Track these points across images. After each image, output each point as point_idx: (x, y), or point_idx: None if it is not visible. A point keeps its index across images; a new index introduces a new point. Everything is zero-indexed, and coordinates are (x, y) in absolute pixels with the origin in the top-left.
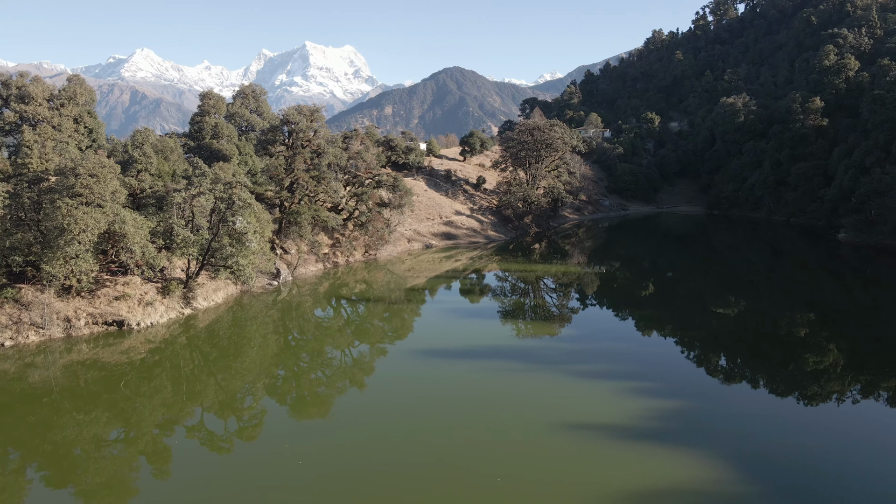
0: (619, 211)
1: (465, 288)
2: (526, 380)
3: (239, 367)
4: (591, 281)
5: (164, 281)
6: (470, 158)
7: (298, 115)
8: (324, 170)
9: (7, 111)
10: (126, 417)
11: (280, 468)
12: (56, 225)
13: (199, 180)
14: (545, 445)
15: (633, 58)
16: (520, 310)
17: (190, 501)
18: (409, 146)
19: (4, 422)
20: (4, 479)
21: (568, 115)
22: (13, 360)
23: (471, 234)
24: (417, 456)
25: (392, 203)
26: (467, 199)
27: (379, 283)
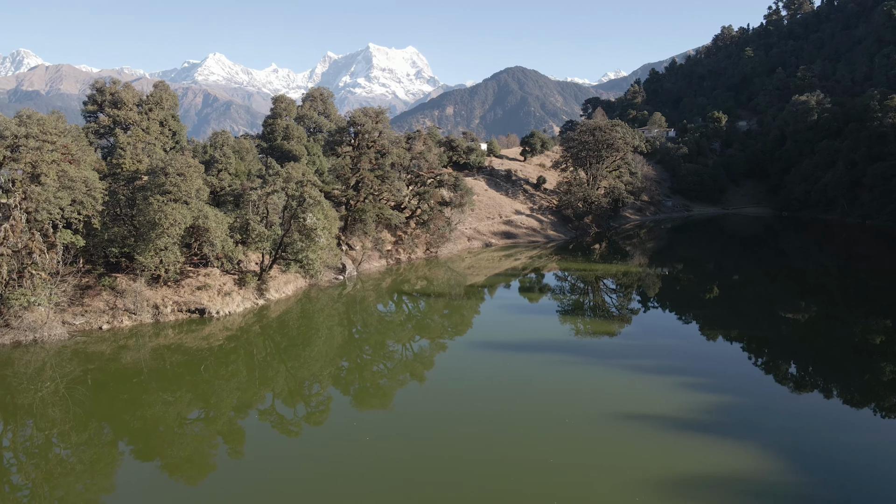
0: (683, 212)
1: (524, 286)
2: (582, 373)
3: (307, 357)
4: (653, 282)
5: (240, 273)
6: (530, 158)
7: (364, 117)
8: (388, 169)
9: (102, 115)
10: (205, 399)
11: (344, 454)
12: (148, 219)
13: (273, 179)
14: (598, 433)
15: (701, 55)
16: (578, 309)
17: (261, 480)
18: (469, 146)
19: (101, 399)
20: (99, 451)
21: (631, 115)
22: (109, 343)
23: (530, 234)
24: (475, 443)
25: (453, 202)
26: (527, 198)
27: (439, 279)
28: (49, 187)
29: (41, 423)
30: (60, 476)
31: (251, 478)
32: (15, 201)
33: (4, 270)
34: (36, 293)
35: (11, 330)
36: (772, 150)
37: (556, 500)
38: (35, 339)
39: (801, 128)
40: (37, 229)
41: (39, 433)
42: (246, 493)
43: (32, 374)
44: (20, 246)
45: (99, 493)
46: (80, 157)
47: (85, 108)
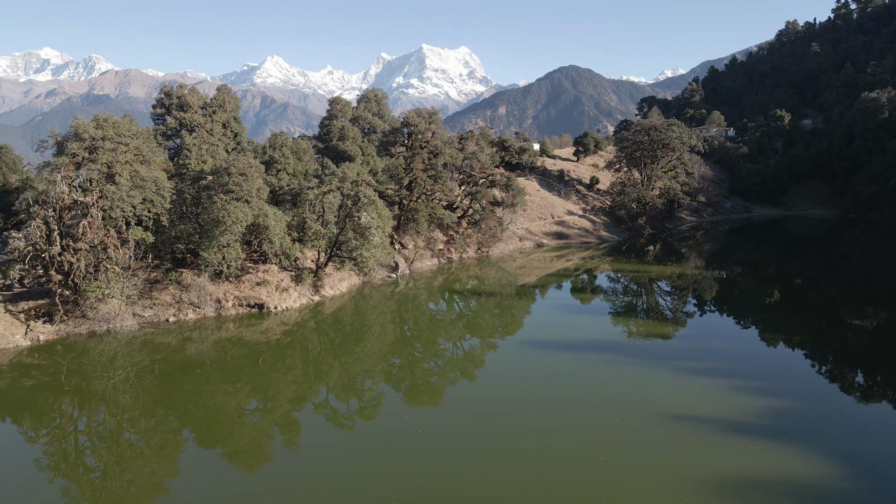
0: (742, 213)
1: (575, 287)
2: (634, 374)
3: (360, 353)
4: (710, 285)
5: (297, 270)
6: (583, 159)
7: (417, 118)
8: (440, 169)
9: (169, 118)
10: (263, 391)
11: (396, 449)
12: (212, 217)
13: (329, 179)
14: (650, 434)
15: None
16: (631, 311)
17: (315, 471)
18: (522, 146)
19: (167, 387)
20: (165, 437)
21: (688, 114)
22: (175, 334)
23: (583, 234)
24: (525, 441)
25: (505, 202)
26: (580, 199)
27: (491, 279)
28: (123, 186)
29: (113, 409)
30: (130, 460)
31: (306, 468)
32: (92, 199)
33: (83, 264)
34: (110, 286)
35: (88, 320)
36: (838, 150)
37: (605, 498)
38: (108, 330)
39: (871, 126)
40: (111, 226)
41: (111, 418)
42: (301, 483)
43: (106, 363)
44: (96, 242)
45: (164, 477)
46: (150, 157)
47: (153, 111)
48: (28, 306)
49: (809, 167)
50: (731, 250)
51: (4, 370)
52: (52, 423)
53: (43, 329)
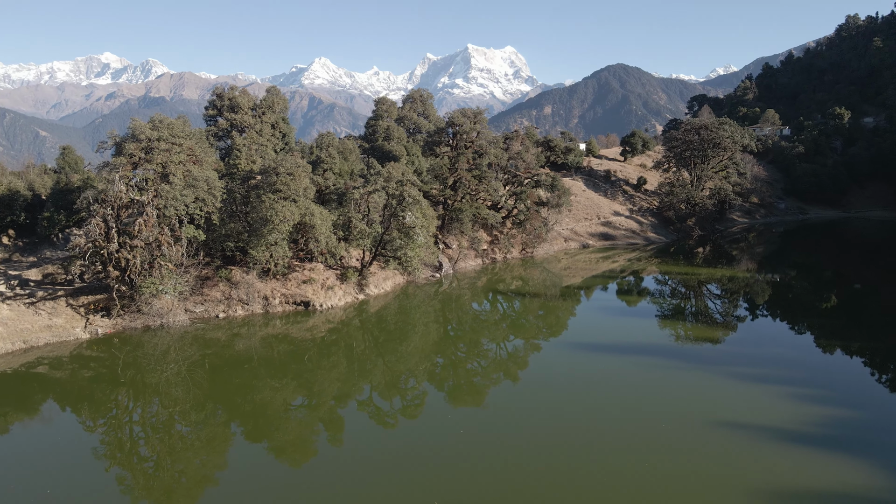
0: (797, 215)
1: (621, 289)
2: (681, 378)
3: (403, 351)
4: (762, 289)
5: (342, 269)
6: (630, 159)
7: (462, 118)
8: (485, 169)
9: (221, 119)
10: (309, 387)
11: (438, 448)
12: (260, 216)
13: (374, 179)
14: (698, 440)
15: (822, 47)
16: (679, 314)
17: (359, 468)
18: (567, 146)
19: (217, 381)
20: (214, 431)
21: (741, 113)
22: (224, 330)
23: (629, 235)
24: (568, 443)
25: (550, 202)
26: (626, 199)
27: (535, 280)
28: (176, 186)
29: (165, 401)
30: (181, 451)
31: (349, 465)
32: (148, 198)
33: (138, 261)
34: (163, 282)
35: (142, 315)
36: None
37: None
38: (162, 325)
39: None
40: (165, 224)
41: (164, 410)
42: (344, 479)
43: (159, 356)
44: (151, 239)
45: (213, 469)
46: (202, 157)
47: (206, 112)
48: (88, 301)
49: (871, 167)
50: (786, 253)
51: (65, 362)
52: (109, 413)
53: (101, 323)
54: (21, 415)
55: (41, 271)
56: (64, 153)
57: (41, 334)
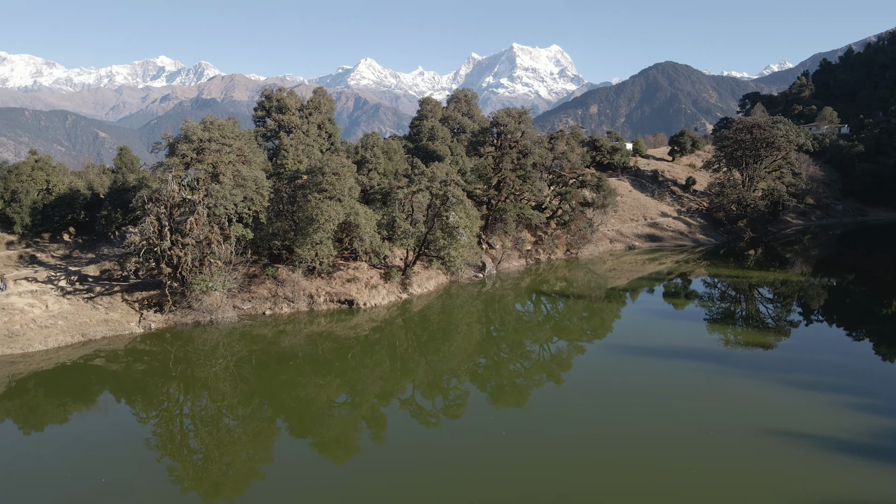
0: (856, 217)
1: (668, 291)
2: (730, 384)
3: (446, 351)
4: (817, 293)
5: (385, 268)
6: (679, 158)
7: (507, 118)
8: (529, 169)
9: (269, 120)
10: (352, 385)
11: (480, 448)
12: (306, 215)
13: (418, 178)
14: (746, 448)
15: (884, 41)
16: (729, 318)
17: (400, 467)
18: (614, 146)
19: (263, 377)
20: (260, 426)
21: (796, 111)
22: (271, 327)
23: (677, 237)
24: (611, 447)
25: (595, 203)
26: (674, 200)
27: (579, 281)
28: (226, 185)
29: (214, 395)
30: (228, 444)
31: (391, 463)
32: (199, 197)
33: (189, 258)
34: (213, 279)
35: (193, 311)
36: None
37: None
38: (211, 321)
39: None
40: (215, 223)
41: (212, 404)
42: (386, 477)
43: (208, 352)
44: (202, 237)
45: (259, 462)
46: (251, 158)
47: (255, 113)
48: (142, 296)
49: None
50: (843, 256)
51: (121, 355)
52: (161, 405)
53: (154, 318)
54: (79, 405)
55: (99, 267)
56: (121, 154)
57: (98, 328)
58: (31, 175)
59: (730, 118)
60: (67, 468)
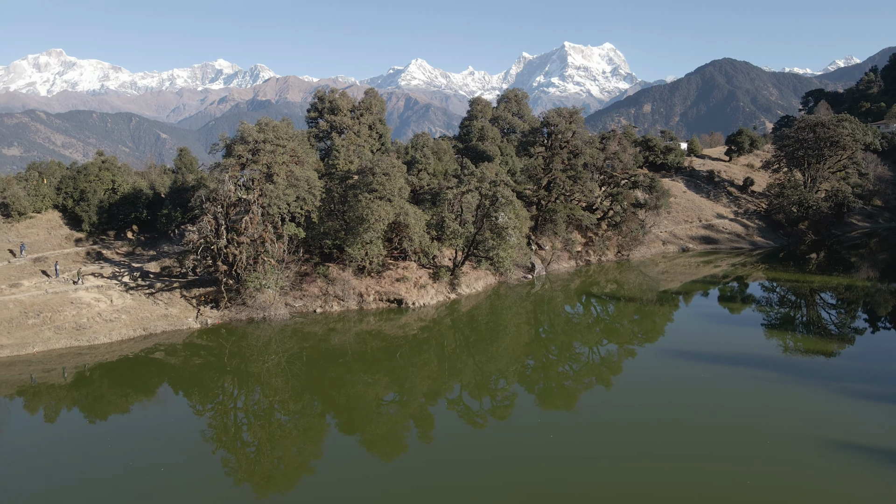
0: None
1: (724, 295)
2: (788, 393)
3: (494, 352)
4: (884, 299)
5: (434, 268)
6: (736, 158)
7: (558, 117)
8: (580, 170)
9: (322, 121)
10: (400, 383)
11: (527, 449)
12: (357, 215)
13: (468, 179)
14: (804, 459)
15: None
16: (788, 324)
17: (447, 466)
18: (668, 146)
19: (313, 374)
20: (310, 421)
21: (863, 108)
22: (321, 325)
23: (733, 239)
24: (661, 454)
25: (648, 204)
26: (731, 201)
27: (630, 283)
28: (279, 185)
29: (266, 391)
30: (279, 438)
31: (438, 462)
32: (253, 197)
33: (244, 256)
34: (266, 277)
35: (247, 308)
36: None
37: None
38: (264, 317)
39: None
40: (269, 222)
41: (265, 399)
42: (433, 476)
43: (261, 348)
44: (256, 236)
45: (309, 457)
46: (303, 158)
47: (308, 114)
48: (199, 293)
49: None
50: None
51: (179, 349)
52: (216, 399)
53: (210, 314)
54: (140, 396)
55: (159, 264)
56: (181, 154)
57: (158, 322)
58: (98, 175)
59: (791, 116)
60: (128, 456)
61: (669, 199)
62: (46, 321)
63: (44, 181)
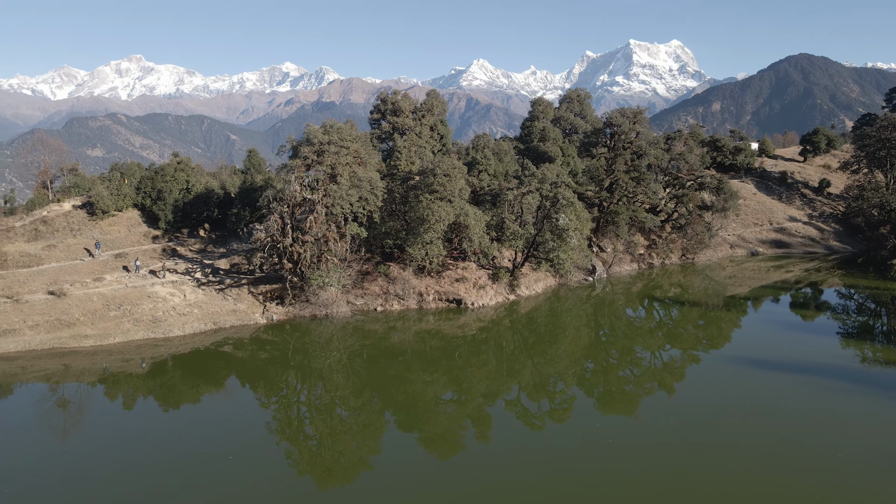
0: None
1: (796, 302)
2: (865, 404)
3: (553, 354)
4: None
5: (494, 268)
6: (812, 159)
7: (621, 118)
8: (644, 171)
9: (384, 123)
10: (458, 383)
11: (586, 453)
12: (417, 215)
13: (528, 180)
14: (878, 473)
15: None
16: (867, 333)
17: (504, 467)
18: (737, 146)
19: (373, 371)
20: (370, 417)
21: None
22: (381, 323)
23: (807, 243)
24: (725, 463)
25: (714, 206)
26: (805, 203)
27: (695, 287)
28: (343, 186)
29: (328, 386)
30: (340, 433)
31: (495, 463)
32: (318, 197)
33: (308, 255)
34: (329, 275)
35: (310, 305)
36: None
37: None
38: (327, 315)
39: None
40: (332, 221)
41: (326, 394)
42: (490, 476)
43: (323, 344)
44: (320, 235)
45: (368, 453)
46: (366, 159)
47: (371, 116)
48: (265, 289)
49: None
50: None
51: (246, 343)
52: (280, 392)
53: (276, 310)
54: (209, 387)
55: (229, 261)
56: (250, 156)
57: (227, 317)
58: (174, 176)
59: (873, 114)
60: (199, 443)
61: (738, 202)
62: (126, 314)
63: (125, 181)
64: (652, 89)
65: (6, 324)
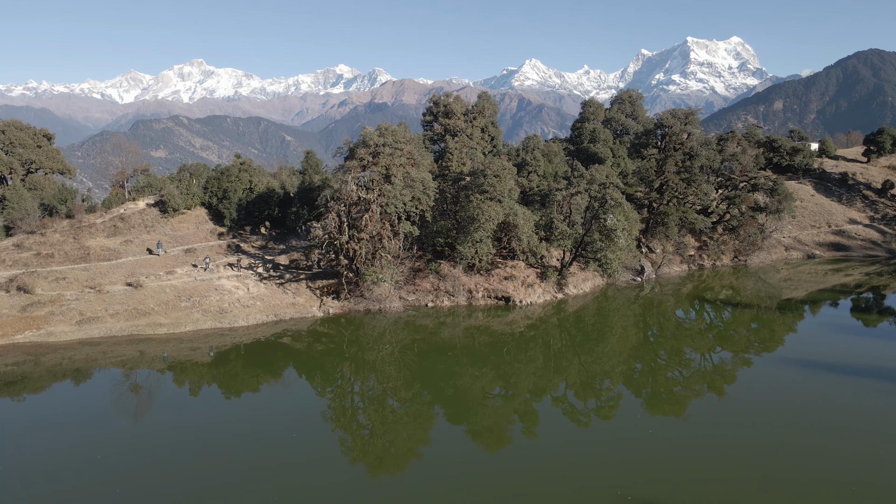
0: None
1: (856, 306)
2: None
3: (600, 352)
4: None
5: (542, 267)
6: (876, 160)
7: (672, 119)
8: (695, 172)
9: (436, 125)
10: (506, 378)
11: (632, 452)
12: (468, 215)
13: (577, 181)
14: None
15: None
16: None
17: (550, 461)
18: (795, 147)
19: (424, 366)
20: (420, 409)
21: None
22: (432, 318)
23: (868, 247)
24: (777, 467)
25: (769, 207)
26: (867, 206)
27: (747, 290)
28: (396, 186)
29: (380, 378)
30: (391, 423)
31: (542, 457)
32: (373, 197)
33: (363, 252)
34: (383, 272)
35: (364, 300)
36: None
37: None
38: (380, 309)
39: None
40: (386, 220)
41: (379, 385)
42: (536, 470)
43: (376, 337)
44: (374, 233)
45: (418, 443)
46: (419, 160)
47: (423, 118)
48: (322, 284)
49: None
50: None
51: (304, 335)
52: (335, 383)
53: (332, 304)
54: (269, 376)
55: (288, 257)
56: (307, 157)
57: (287, 310)
58: (238, 176)
59: None
60: (260, 429)
61: (794, 203)
62: (195, 304)
63: (193, 181)
64: (710, 88)
65: (90, 311)
